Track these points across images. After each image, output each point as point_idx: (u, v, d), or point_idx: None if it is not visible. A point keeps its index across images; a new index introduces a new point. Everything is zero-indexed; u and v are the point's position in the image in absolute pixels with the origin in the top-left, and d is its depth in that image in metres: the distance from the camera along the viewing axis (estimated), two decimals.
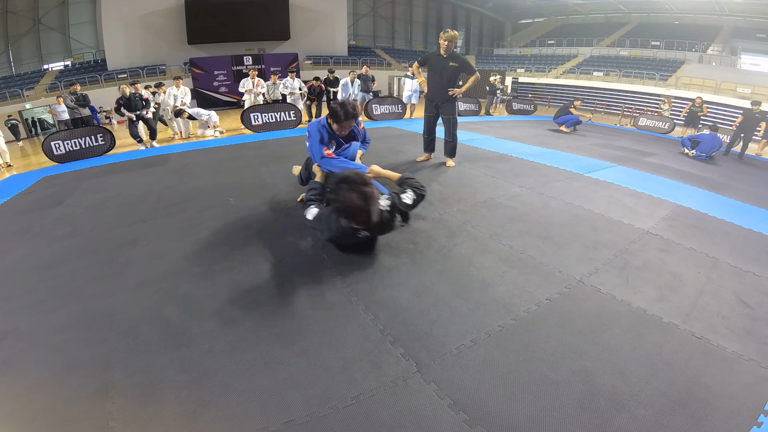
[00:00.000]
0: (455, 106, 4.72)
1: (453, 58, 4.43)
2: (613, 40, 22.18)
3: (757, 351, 1.86)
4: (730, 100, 14.77)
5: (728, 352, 1.85)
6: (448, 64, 4.42)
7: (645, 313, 2.09)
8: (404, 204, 2.39)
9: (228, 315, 2.00)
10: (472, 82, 4.63)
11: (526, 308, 2.09)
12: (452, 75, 4.50)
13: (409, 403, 1.48)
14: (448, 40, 4.26)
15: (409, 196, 2.42)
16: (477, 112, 12.31)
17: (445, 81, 4.49)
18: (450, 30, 4.30)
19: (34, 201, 4.19)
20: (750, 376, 1.71)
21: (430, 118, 4.87)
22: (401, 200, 2.38)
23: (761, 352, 1.86)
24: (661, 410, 1.49)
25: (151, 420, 1.44)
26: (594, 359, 1.73)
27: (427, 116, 4.89)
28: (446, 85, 4.51)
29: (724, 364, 1.78)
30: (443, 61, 4.43)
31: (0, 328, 1.99)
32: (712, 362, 1.78)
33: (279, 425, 1.39)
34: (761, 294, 2.39)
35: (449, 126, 4.79)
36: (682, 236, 3.15)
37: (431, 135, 5.00)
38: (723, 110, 14.69)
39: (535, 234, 3.01)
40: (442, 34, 4.29)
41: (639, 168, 5.57)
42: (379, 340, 1.82)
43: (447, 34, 4.26)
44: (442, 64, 4.44)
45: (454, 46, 4.38)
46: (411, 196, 2.43)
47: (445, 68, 4.45)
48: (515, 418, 1.43)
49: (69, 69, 16.12)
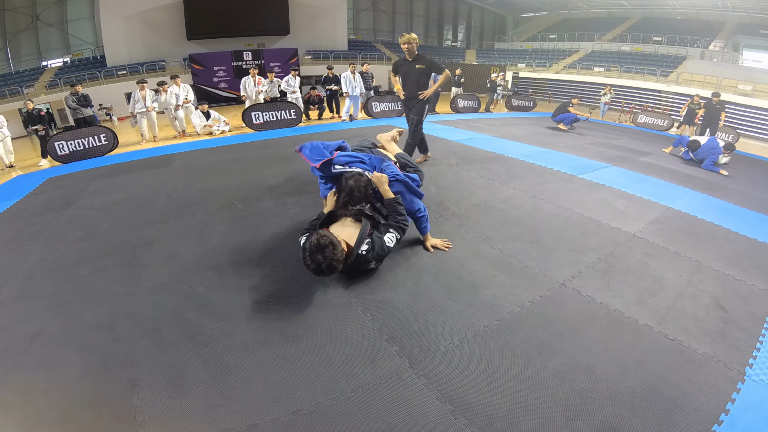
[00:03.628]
0: (424, 108, 4.79)
1: (418, 60, 4.50)
2: (614, 35, 22.08)
3: (726, 353, 2.01)
4: (731, 97, 14.52)
5: (699, 353, 1.99)
6: (414, 67, 4.52)
7: (622, 315, 2.26)
8: (386, 248, 2.36)
9: (242, 315, 2.19)
10: (443, 81, 4.74)
11: (510, 310, 2.27)
12: (419, 77, 4.57)
13: (402, 395, 1.68)
14: (406, 43, 4.36)
15: (392, 238, 2.40)
16: (476, 109, 12.38)
17: (414, 84, 4.59)
18: (406, 34, 4.40)
19: (44, 203, 4.31)
20: (716, 377, 1.85)
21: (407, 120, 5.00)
22: (383, 245, 2.34)
23: (730, 354, 2.00)
24: (628, 406, 1.65)
25: (177, 413, 1.60)
26: (568, 358, 1.91)
27: (407, 119, 5.02)
28: (416, 87, 4.60)
29: (692, 365, 1.92)
30: (409, 65, 4.54)
31: (29, 330, 2.13)
32: (681, 363, 1.92)
33: (288, 415, 1.58)
34: (737, 298, 2.52)
35: (411, 126, 4.92)
36: (669, 240, 3.28)
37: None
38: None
39: (525, 238, 3.17)
40: (399, 39, 4.41)
41: (634, 169, 5.67)
42: (376, 338, 2.01)
43: (403, 38, 4.38)
44: (408, 68, 4.56)
45: (415, 48, 4.44)
46: (393, 239, 2.41)
47: (411, 71, 4.56)
48: (493, 410, 1.62)
49: (68, 66, 16.13)
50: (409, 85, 4.63)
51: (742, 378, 1.85)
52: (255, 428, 1.53)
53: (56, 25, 16.13)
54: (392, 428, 1.52)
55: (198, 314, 2.20)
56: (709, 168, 6.34)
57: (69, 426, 1.56)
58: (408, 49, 4.40)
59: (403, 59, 4.58)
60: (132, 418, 1.58)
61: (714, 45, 18.60)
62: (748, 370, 1.91)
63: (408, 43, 4.36)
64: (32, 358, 1.92)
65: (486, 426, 1.55)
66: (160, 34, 16.67)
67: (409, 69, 4.57)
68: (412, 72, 4.56)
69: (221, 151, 6.44)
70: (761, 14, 17.97)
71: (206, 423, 1.55)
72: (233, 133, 8.41)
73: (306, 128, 8.60)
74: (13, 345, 2.03)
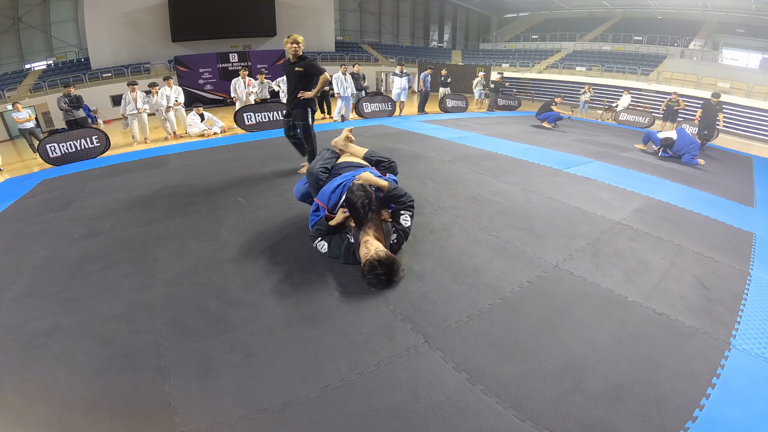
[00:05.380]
0: (305, 112, 4.55)
1: (299, 62, 4.30)
2: (596, 35, 22.59)
3: (711, 326, 2.20)
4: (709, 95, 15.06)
5: (686, 326, 2.18)
6: (294, 69, 4.30)
7: (612, 294, 2.45)
8: (406, 229, 2.69)
9: (261, 303, 2.29)
10: (321, 84, 4.42)
11: (510, 289, 2.46)
12: (298, 80, 4.35)
13: (421, 366, 1.82)
14: (293, 43, 4.15)
15: (407, 218, 2.68)
16: (464, 109, 12.59)
17: (293, 86, 4.40)
18: (293, 34, 4.20)
19: (41, 204, 4.25)
20: (704, 346, 2.04)
21: (287, 122, 4.78)
22: (403, 227, 2.67)
23: (715, 327, 2.20)
24: (627, 372, 1.82)
25: (210, 396, 1.67)
26: (567, 331, 2.09)
27: (285, 121, 4.82)
28: (294, 90, 4.40)
29: (681, 336, 2.10)
30: (290, 67, 4.34)
31: (44, 325, 2.13)
32: (670, 334, 2.11)
33: (318, 390, 1.69)
34: (718, 278, 2.75)
35: (301, 133, 4.71)
36: (652, 226, 3.52)
37: (294, 139, 4.88)
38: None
39: (519, 226, 3.38)
40: (287, 40, 4.18)
41: (617, 163, 5.95)
42: (391, 318, 2.15)
43: (289, 38, 4.18)
44: (289, 69, 4.36)
45: (299, 50, 4.23)
46: (408, 218, 2.69)
47: (290, 73, 4.36)
48: (506, 377, 1.77)
49: (52, 68, 15.79)
50: (288, 86, 4.44)
51: (728, 347, 2.04)
52: (289, 405, 1.63)
53: (39, 27, 15.75)
54: (416, 396, 1.66)
55: (218, 303, 2.29)
56: (689, 162, 6.57)
57: (98, 415, 1.58)
58: (292, 50, 4.18)
59: (287, 60, 4.37)
60: (167, 403, 1.63)
61: (694, 44, 19.07)
62: (733, 340, 2.10)
63: (295, 43, 4.15)
64: (50, 353, 1.93)
65: (501, 391, 1.70)
66: (144, 35, 16.47)
67: (289, 70, 4.35)
68: (291, 74, 4.34)
69: (217, 151, 6.46)
70: (740, 13, 18.57)
71: (240, 403, 1.63)
72: (226, 134, 8.42)
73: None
74: (29, 340, 2.03)
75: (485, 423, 1.55)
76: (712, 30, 19.54)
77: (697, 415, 1.64)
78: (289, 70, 4.35)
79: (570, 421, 1.57)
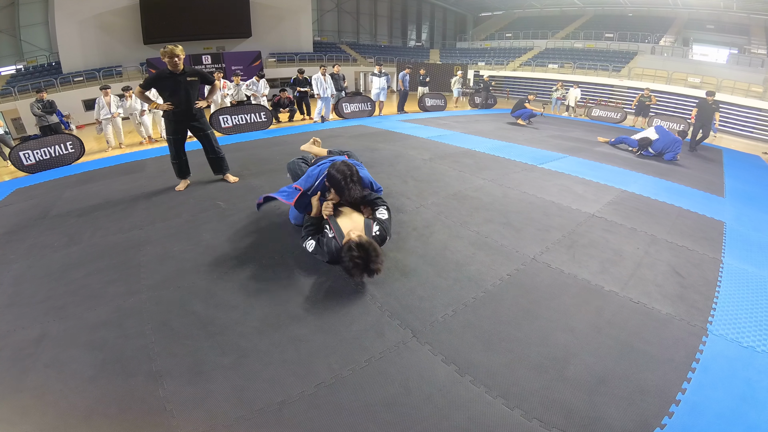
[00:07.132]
0: (204, 117, 4.49)
1: (190, 72, 4.14)
2: (567, 32, 23.07)
3: (687, 312, 2.32)
4: (682, 90, 15.51)
5: (663, 313, 2.29)
6: (185, 80, 4.09)
7: (589, 284, 2.57)
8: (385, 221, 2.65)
9: (248, 304, 2.31)
10: (216, 90, 4.45)
11: (492, 283, 2.55)
12: (195, 90, 4.23)
13: (411, 360, 1.88)
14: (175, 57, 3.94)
15: (383, 212, 2.70)
16: (443, 108, 12.76)
17: (190, 97, 4.20)
18: (170, 45, 3.95)
19: (16, 213, 4.12)
20: (682, 333, 2.14)
21: (177, 140, 4.37)
22: (380, 219, 2.65)
23: (690, 313, 2.31)
24: (607, 357, 1.92)
25: (204, 398, 1.68)
26: (549, 321, 2.19)
27: (174, 139, 4.35)
28: (191, 101, 4.22)
29: (658, 323, 2.21)
30: (178, 78, 4.06)
31: (32, 334, 2.10)
32: (648, 322, 2.21)
33: (312, 388, 1.73)
34: (692, 266, 2.89)
35: (209, 141, 4.55)
36: (625, 218, 3.67)
37: (181, 158, 4.49)
38: (674, 99, 15.46)
39: (497, 221, 3.49)
40: (165, 53, 3.92)
41: (590, 158, 6.16)
42: (379, 315, 2.20)
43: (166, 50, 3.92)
44: (178, 81, 4.07)
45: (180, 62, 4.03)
46: (384, 211, 2.71)
47: (182, 84, 4.09)
48: (493, 367, 1.85)
49: (22, 73, 15.19)
50: (177, 100, 4.13)
51: (705, 333, 2.16)
52: (285, 404, 1.66)
53: (7, 30, 15.08)
54: (408, 390, 1.72)
55: (205, 306, 2.29)
56: (672, 159, 6.59)
57: (95, 423, 1.57)
58: (175, 63, 3.97)
59: (167, 73, 4.04)
60: (162, 408, 1.63)
61: (665, 40, 19.51)
62: (709, 326, 2.21)
63: (177, 56, 3.95)
64: (41, 361, 1.91)
65: (489, 380, 1.78)
66: (116, 38, 16.04)
67: (179, 82, 4.07)
68: (183, 85, 4.10)
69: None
70: (709, 10, 19.14)
71: (236, 405, 1.65)
72: None
73: (277, 131, 8.61)
74: (17, 350, 1.99)
75: (476, 412, 1.62)
76: (683, 26, 20.05)
77: (679, 398, 1.72)
78: (179, 81, 4.07)
79: (556, 406, 1.66)
